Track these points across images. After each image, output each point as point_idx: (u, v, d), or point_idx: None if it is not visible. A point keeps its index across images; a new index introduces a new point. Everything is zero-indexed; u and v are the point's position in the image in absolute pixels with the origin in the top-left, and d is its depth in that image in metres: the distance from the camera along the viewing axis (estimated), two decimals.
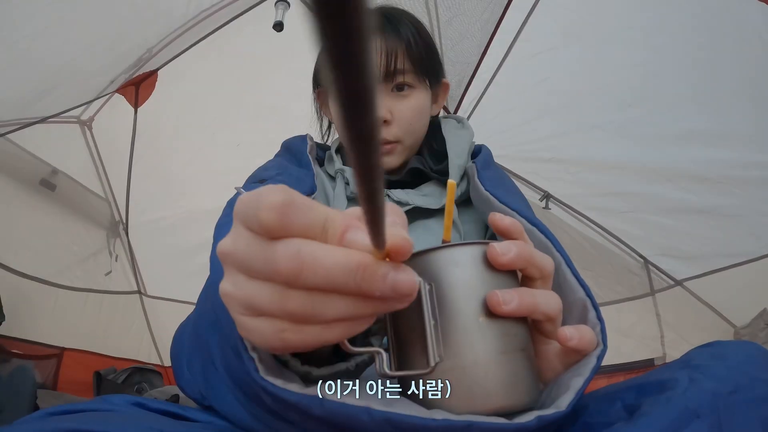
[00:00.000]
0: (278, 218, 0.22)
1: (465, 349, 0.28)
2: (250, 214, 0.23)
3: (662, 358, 2.27)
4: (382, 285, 0.23)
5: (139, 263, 2.59)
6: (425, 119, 0.64)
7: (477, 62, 1.95)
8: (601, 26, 1.78)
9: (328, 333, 0.24)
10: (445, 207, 0.35)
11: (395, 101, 0.60)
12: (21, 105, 1.70)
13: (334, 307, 0.23)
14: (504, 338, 0.29)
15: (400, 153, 0.61)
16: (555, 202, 2.27)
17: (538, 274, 0.32)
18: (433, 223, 0.62)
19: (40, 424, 0.29)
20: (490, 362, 0.28)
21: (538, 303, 0.31)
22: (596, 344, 0.33)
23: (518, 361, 0.29)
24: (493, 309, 0.29)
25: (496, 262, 0.30)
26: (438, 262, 0.30)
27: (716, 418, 0.27)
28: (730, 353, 0.33)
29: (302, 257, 0.22)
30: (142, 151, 2.31)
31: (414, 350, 0.30)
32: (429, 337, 0.28)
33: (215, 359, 0.34)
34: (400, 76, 0.59)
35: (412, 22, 0.63)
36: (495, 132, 2.05)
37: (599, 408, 0.32)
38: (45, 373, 2.12)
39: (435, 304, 0.29)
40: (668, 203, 2.02)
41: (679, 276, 2.24)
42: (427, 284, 0.29)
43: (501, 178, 0.60)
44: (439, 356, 0.28)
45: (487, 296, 0.29)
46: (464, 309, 0.29)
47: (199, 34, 1.95)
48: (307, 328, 0.24)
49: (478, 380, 0.28)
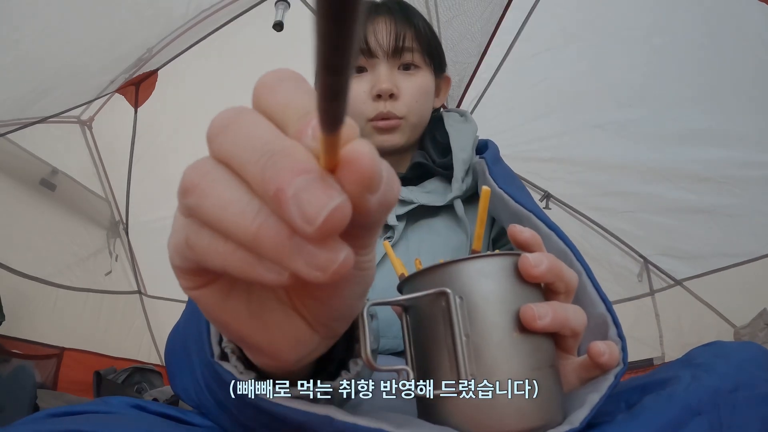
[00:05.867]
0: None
1: (499, 366, 0.27)
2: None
3: (661, 358, 2.27)
4: (289, 189, 0.15)
5: (139, 263, 2.59)
6: (429, 102, 0.64)
7: (477, 62, 1.95)
8: (601, 26, 1.78)
9: (218, 246, 0.17)
10: (478, 214, 0.33)
11: (402, 78, 0.60)
12: (21, 105, 1.70)
13: (217, 202, 0.17)
14: (537, 354, 0.28)
15: (404, 131, 0.61)
16: (555, 202, 2.27)
17: (563, 289, 0.31)
18: (438, 222, 0.61)
19: (40, 425, 0.29)
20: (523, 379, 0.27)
21: (569, 318, 0.30)
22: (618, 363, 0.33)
23: (549, 377, 0.28)
24: (527, 324, 0.28)
25: (528, 274, 0.29)
26: (467, 274, 0.29)
27: (717, 416, 0.28)
28: (732, 352, 0.33)
29: (227, 115, 0.18)
30: (142, 151, 2.31)
31: (441, 368, 0.28)
32: (460, 354, 0.27)
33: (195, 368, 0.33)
34: (408, 54, 0.60)
35: (420, 15, 0.64)
36: (495, 132, 2.05)
37: (603, 409, 0.32)
38: (45, 373, 2.12)
39: (466, 317, 0.28)
40: (668, 203, 2.02)
41: (679, 276, 2.24)
42: (458, 297, 0.28)
43: (511, 175, 0.60)
44: (471, 374, 0.27)
45: (521, 310, 0.28)
46: (498, 323, 0.28)
47: (199, 34, 1.95)
48: (204, 230, 0.18)
49: (512, 399, 0.27)
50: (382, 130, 0.60)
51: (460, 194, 0.60)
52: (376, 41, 0.59)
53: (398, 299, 0.30)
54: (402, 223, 0.60)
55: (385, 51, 0.59)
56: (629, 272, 2.34)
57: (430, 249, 0.58)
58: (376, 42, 0.59)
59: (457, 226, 0.60)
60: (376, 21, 0.60)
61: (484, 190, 0.33)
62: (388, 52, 0.59)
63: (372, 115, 0.59)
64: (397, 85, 0.59)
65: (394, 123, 0.60)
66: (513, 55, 1.92)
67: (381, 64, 0.59)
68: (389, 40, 0.59)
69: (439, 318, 0.29)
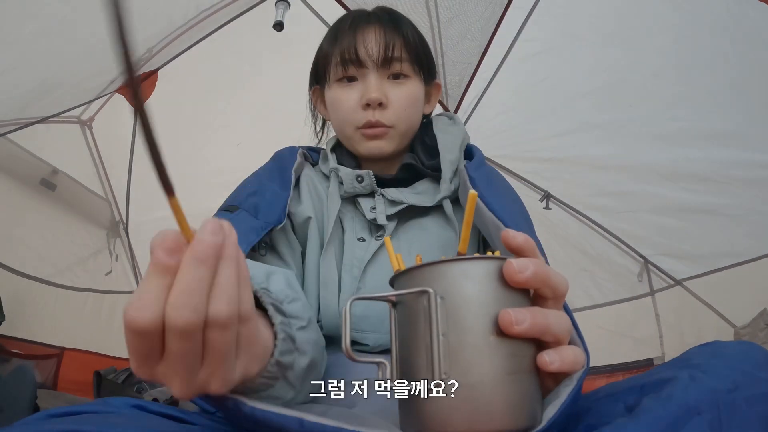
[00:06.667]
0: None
1: (472, 368, 0.28)
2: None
3: (661, 357, 2.27)
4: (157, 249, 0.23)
5: (139, 263, 2.59)
6: (419, 110, 0.65)
7: (477, 62, 1.95)
8: (601, 26, 1.78)
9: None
10: (464, 218, 0.33)
11: (391, 87, 0.61)
12: (21, 105, 1.70)
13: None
14: (512, 359, 0.28)
15: (392, 138, 0.62)
16: (555, 202, 2.27)
17: (551, 294, 0.32)
18: (428, 222, 0.62)
19: (40, 425, 0.30)
20: (496, 382, 0.28)
21: (550, 325, 0.30)
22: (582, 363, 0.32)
23: (524, 382, 0.29)
24: (505, 329, 0.28)
25: (512, 279, 0.29)
26: (451, 275, 0.29)
27: (716, 416, 0.28)
28: (730, 352, 0.33)
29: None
30: (142, 151, 2.30)
31: (418, 363, 0.29)
32: (436, 352, 0.28)
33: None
34: (397, 64, 0.61)
35: (410, 23, 0.65)
36: (495, 132, 2.05)
37: (601, 409, 0.33)
38: (45, 373, 2.12)
39: (445, 317, 0.28)
40: (668, 203, 2.02)
41: (679, 276, 2.24)
42: (439, 296, 0.29)
43: (491, 180, 0.60)
44: (444, 373, 0.27)
45: (499, 315, 0.28)
46: (475, 326, 0.28)
47: (199, 34, 1.95)
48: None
49: (483, 400, 0.27)
50: (370, 137, 0.61)
51: (449, 194, 0.61)
52: (365, 51, 0.60)
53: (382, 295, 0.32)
54: (393, 223, 0.61)
55: (374, 61, 0.60)
56: (629, 272, 2.34)
57: (421, 248, 0.59)
58: (366, 52, 0.60)
59: (447, 224, 0.61)
60: (365, 31, 0.61)
61: (471, 195, 0.33)
62: (377, 62, 0.60)
63: (361, 123, 0.60)
64: (386, 95, 0.60)
65: (382, 131, 0.61)
66: (513, 55, 1.92)
67: (371, 74, 0.60)
68: (378, 51, 0.60)
69: (420, 316, 0.29)
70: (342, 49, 0.60)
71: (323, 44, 0.65)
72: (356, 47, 0.60)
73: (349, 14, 0.66)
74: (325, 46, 0.64)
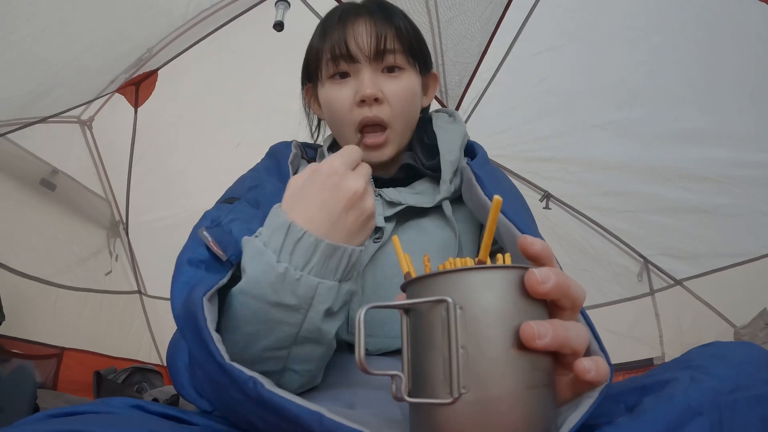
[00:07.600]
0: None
1: (492, 381, 0.27)
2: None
3: (661, 357, 2.27)
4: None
5: (139, 263, 2.59)
6: (416, 104, 0.62)
7: (477, 62, 1.95)
8: (601, 26, 1.78)
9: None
10: (488, 225, 0.32)
11: (386, 81, 0.58)
12: (21, 105, 1.70)
13: None
14: (532, 372, 0.28)
15: (392, 143, 0.59)
16: (555, 202, 2.27)
17: (569, 305, 0.31)
18: (427, 223, 0.61)
19: (40, 425, 0.30)
20: (516, 397, 0.27)
21: (570, 338, 0.29)
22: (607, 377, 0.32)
23: (542, 396, 0.28)
24: (527, 343, 0.27)
25: (534, 290, 0.28)
26: (470, 283, 0.28)
27: (717, 416, 0.28)
28: (731, 353, 0.33)
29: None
30: (142, 151, 2.30)
31: (435, 376, 0.28)
32: (455, 365, 0.26)
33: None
34: (390, 56, 0.58)
35: (402, 14, 0.63)
36: (495, 132, 2.05)
37: (602, 410, 0.32)
38: (45, 373, 2.12)
39: (464, 329, 0.27)
40: (668, 203, 2.02)
41: (679, 276, 2.24)
42: (459, 307, 0.27)
43: (497, 178, 0.59)
44: (464, 387, 0.26)
45: (521, 328, 0.27)
46: (495, 338, 0.27)
47: (199, 34, 1.94)
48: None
49: (501, 414, 0.26)
50: (370, 146, 0.58)
51: (448, 195, 0.60)
52: (356, 45, 0.57)
53: (398, 303, 0.30)
54: (391, 224, 0.60)
55: (366, 55, 0.57)
56: (629, 272, 2.34)
57: (420, 249, 0.58)
58: (357, 46, 0.57)
59: (446, 225, 0.60)
60: (355, 24, 0.58)
61: (496, 200, 0.31)
62: (369, 56, 0.57)
63: (357, 120, 0.58)
64: (381, 90, 0.57)
65: (381, 140, 0.58)
66: (513, 55, 1.92)
67: (363, 69, 0.57)
68: (370, 43, 0.57)
69: (437, 326, 0.28)
70: (332, 44, 0.58)
71: (313, 40, 0.62)
72: (347, 41, 0.57)
73: (337, 8, 0.62)
74: (315, 42, 0.61)
